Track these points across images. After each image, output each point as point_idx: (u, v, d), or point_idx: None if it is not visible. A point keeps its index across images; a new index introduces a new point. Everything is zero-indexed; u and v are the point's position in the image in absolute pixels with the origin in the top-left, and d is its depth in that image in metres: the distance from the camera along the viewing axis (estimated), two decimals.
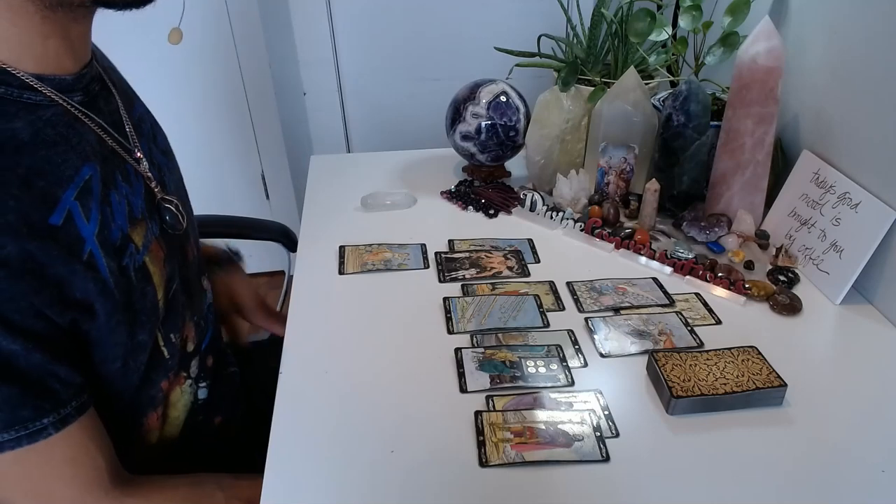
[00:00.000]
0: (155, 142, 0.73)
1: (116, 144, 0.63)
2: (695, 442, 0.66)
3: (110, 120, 0.63)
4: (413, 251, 0.99)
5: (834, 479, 0.62)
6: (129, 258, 0.60)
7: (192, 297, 0.75)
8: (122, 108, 0.66)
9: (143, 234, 0.63)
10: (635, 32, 1.03)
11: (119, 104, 0.66)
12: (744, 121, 0.95)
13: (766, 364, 0.73)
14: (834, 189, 0.91)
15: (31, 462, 0.55)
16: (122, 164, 0.63)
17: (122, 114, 0.66)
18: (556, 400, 0.70)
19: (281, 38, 1.96)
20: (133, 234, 0.62)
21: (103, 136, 0.61)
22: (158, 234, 0.67)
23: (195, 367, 0.77)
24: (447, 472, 0.62)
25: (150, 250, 0.64)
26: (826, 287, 0.89)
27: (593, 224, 1.02)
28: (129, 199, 0.62)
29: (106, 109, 0.63)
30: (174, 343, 0.70)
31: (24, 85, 0.53)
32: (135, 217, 0.63)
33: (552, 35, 1.23)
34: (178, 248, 0.72)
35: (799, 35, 1.03)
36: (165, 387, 0.71)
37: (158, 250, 0.66)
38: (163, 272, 0.66)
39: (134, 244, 0.61)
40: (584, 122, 1.11)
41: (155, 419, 0.71)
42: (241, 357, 1.00)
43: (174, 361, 0.71)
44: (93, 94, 0.61)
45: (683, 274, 0.93)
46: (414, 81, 2.09)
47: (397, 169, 1.26)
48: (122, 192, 0.61)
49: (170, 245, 0.69)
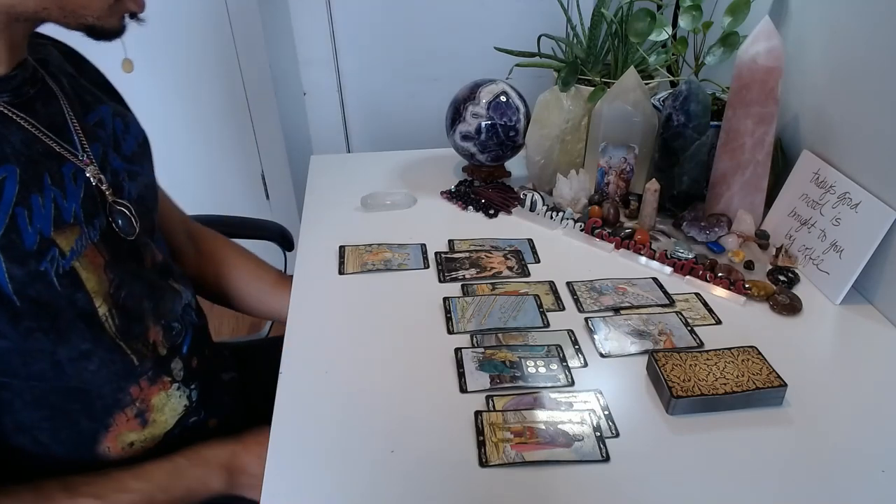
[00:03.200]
0: (116, 148, 0.72)
1: (56, 146, 0.63)
2: (695, 442, 0.66)
3: (48, 122, 0.63)
4: (413, 251, 0.99)
5: (834, 479, 0.62)
6: (50, 263, 0.59)
7: (158, 300, 0.74)
8: (67, 112, 0.66)
9: (75, 238, 0.62)
10: (635, 32, 1.03)
11: (65, 108, 0.66)
12: (744, 121, 0.95)
13: (765, 364, 0.73)
14: (834, 189, 0.91)
15: None
16: (58, 166, 0.63)
17: (69, 117, 0.66)
18: (556, 400, 0.70)
19: (281, 38, 1.96)
20: (58, 238, 0.61)
21: (38, 136, 0.61)
22: (98, 240, 0.65)
23: (179, 371, 0.77)
24: (447, 472, 0.62)
25: (84, 255, 0.63)
26: (826, 287, 0.89)
27: (593, 224, 1.02)
28: (56, 203, 0.61)
29: (43, 112, 0.63)
30: (139, 350, 0.70)
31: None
32: (63, 220, 0.61)
33: (552, 35, 1.23)
34: (130, 253, 0.71)
35: (799, 35, 1.03)
36: (136, 392, 0.71)
37: (95, 256, 0.64)
38: (101, 278, 0.65)
39: (59, 248, 0.60)
40: (584, 122, 1.11)
41: (124, 420, 0.71)
42: (241, 357, 1.00)
43: (145, 367, 0.71)
44: (26, 96, 0.61)
45: (683, 274, 0.93)
46: (414, 81, 2.08)
47: (397, 169, 1.26)
48: (47, 195, 0.60)
49: (116, 251, 0.68)
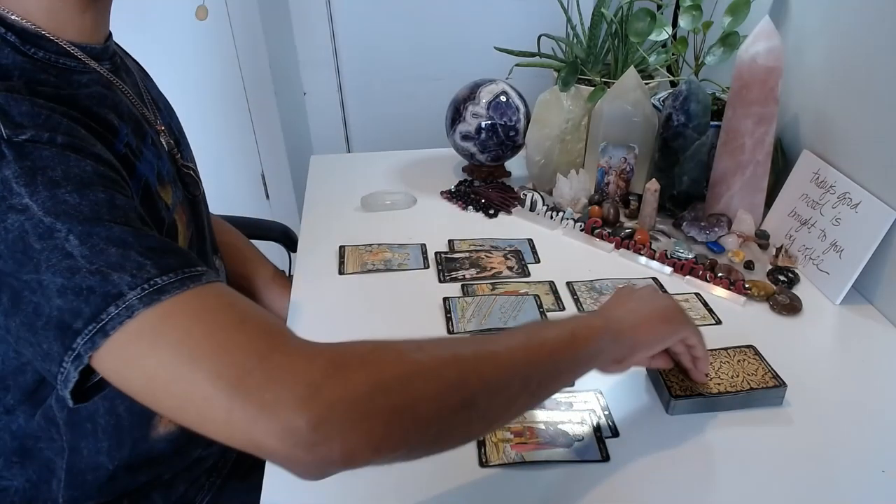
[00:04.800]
0: (172, 119, 0.77)
1: (144, 111, 0.67)
2: (694, 442, 0.66)
3: (134, 91, 0.67)
4: (413, 251, 0.99)
5: (834, 478, 0.62)
6: (165, 212, 0.63)
7: (209, 266, 0.77)
8: (140, 84, 0.71)
9: (171, 195, 0.66)
10: (635, 32, 1.03)
11: (138, 80, 0.71)
12: (744, 121, 0.95)
13: (763, 363, 0.73)
14: (834, 189, 0.91)
15: (200, 305, 0.45)
16: (150, 129, 0.67)
17: (142, 88, 0.71)
18: (556, 400, 0.70)
19: (281, 38, 1.96)
20: (162, 192, 0.65)
21: (133, 102, 0.65)
22: (182, 200, 0.70)
23: None
24: (447, 472, 0.62)
25: (177, 211, 0.67)
26: (826, 287, 0.89)
27: (593, 224, 1.02)
28: (157, 161, 0.65)
29: (129, 81, 0.67)
30: None
31: (61, 51, 0.57)
32: (163, 178, 0.65)
33: (552, 35, 1.23)
34: (196, 216, 0.75)
35: (799, 35, 1.03)
36: None
37: (182, 213, 0.69)
38: (186, 234, 0.69)
39: (163, 202, 0.64)
40: (584, 122, 1.11)
41: None
42: None
43: None
44: (117, 65, 0.65)
45: (683, 274, 0.93)
46: (414, 81, 2.08)
47: (397, 169, 1.26)
48: (151, 153, 0.64)
49: (189, 212, 0.72)
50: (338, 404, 0.41)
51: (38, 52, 0.55)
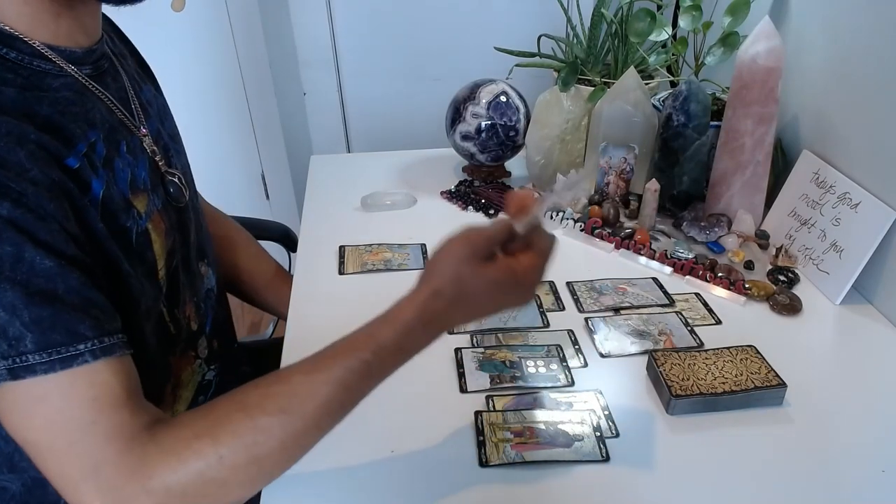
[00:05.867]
0: (162, 125, 0.77)
1: (123, 118, 0.67)
2: (695, 442, 0.66)
3: (118, 96, 0.67)
4: (413, 251, 0.99)
5: (834, 478, 0.62)
6: (132, 221, 0.63)
7: (191, 278, 0.77)
8: (129, 89, 0.70)
9: (146, 203, 0.66)
10: (635, 32, 1.03)
11: (126, 85, 0.70)
12: (744, 121, 0.95)
13: (764, 363, 0.73)
14: (834, 189, 0.91)
15: (60, 393, 0.49)
16: (129, 136, 0.67)
17: (130, 93, 0.70)
18: (556, 400, 0.70)
19: (281, 38, 1.96)
20: (135, 201, 0.64)
21: (111, 108, 0.65)
22: (161, 208, 0.70)
23: (204, 349, 0.80)
24: (447, 472, 0.62)
25: (152, 219, 0.67)
26: (826, 287, 0.89)
27: (593, 224, 1.02)
28: (132, 169, 0.65)
29: (113, 86, 0.67)
30: (178, 319, 0.73)
31: (35, 53, 0.56)
32: (137, 186, 0.65)
33: (552, 35, 1.23)
34: (180, 223, 0.75)
35: (799, 35, 1.03)
36: (174, 362, 0.74)
37: (160, 221, 0.68)
38: (164, 243, 0.69)
39: (136, 210, 0.64)
40: (584, 122, 1.11)
41: (169, 392, 0.74)
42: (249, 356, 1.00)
43: (181, 337, 0.74)
44: (101, 70, 0.65)
45: (683, 274, 0.93)
46: (414, 81, 2.08)
47: (397, 169, 1.26)
48: (125, 161, 0.64)
49: (171, 220, 0.72)
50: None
51: (10, 52, 0.55)
